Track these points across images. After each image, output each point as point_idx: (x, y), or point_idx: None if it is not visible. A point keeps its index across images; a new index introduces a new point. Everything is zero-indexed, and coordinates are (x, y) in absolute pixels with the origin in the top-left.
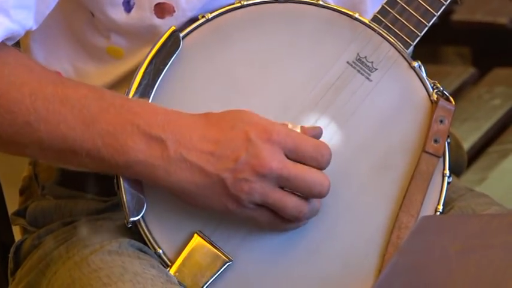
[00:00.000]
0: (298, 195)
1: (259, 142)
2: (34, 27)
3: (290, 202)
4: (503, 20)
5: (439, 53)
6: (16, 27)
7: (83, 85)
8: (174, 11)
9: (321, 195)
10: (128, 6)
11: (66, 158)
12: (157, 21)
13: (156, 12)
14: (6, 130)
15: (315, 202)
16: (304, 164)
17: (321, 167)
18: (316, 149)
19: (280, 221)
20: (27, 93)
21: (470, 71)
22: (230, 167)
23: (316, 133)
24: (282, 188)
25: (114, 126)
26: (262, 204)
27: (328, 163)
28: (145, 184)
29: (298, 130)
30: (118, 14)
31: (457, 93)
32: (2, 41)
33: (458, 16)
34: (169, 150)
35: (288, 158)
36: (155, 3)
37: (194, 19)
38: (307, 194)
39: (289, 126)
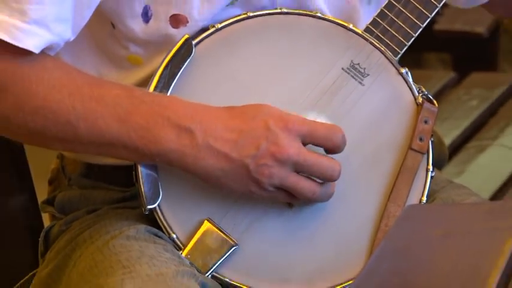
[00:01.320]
0: (313, 180)
1: (277, 130)
2: (72, 38)
3: (304, 185)
4: (480, 29)
5: (422, 59)
6: (56, 38)
7: (115, 84)
8: (188, 22)
9: (332, 179)
10: (146, 18)
11: (105, 150)
12: (172, 30)
13: (171, 22)
14: (50, 129)
15: (328, 186)
16: (321, 146)
17: (336, 146)
18: (329, 130)
19: (296, 200)
20: (67, 94)
21: (450, 75)
22: (252, 153)
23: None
24: (298, 172)
25: (146, 120)
26: (281, 187)
27: (342, 142)
28: (160, 176)
29: None
30: (137, 24)
31: (439, 95)
32: (43, 51)
33: (439, 26)
34: (197, 139)
35: (305, 143)
36: (170, 14)
37: (205, 28)
38: (320, 178)
39: None
